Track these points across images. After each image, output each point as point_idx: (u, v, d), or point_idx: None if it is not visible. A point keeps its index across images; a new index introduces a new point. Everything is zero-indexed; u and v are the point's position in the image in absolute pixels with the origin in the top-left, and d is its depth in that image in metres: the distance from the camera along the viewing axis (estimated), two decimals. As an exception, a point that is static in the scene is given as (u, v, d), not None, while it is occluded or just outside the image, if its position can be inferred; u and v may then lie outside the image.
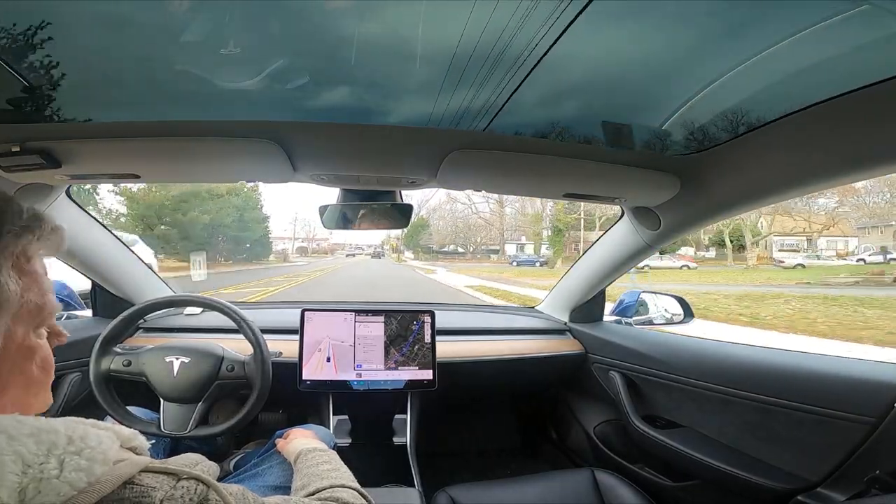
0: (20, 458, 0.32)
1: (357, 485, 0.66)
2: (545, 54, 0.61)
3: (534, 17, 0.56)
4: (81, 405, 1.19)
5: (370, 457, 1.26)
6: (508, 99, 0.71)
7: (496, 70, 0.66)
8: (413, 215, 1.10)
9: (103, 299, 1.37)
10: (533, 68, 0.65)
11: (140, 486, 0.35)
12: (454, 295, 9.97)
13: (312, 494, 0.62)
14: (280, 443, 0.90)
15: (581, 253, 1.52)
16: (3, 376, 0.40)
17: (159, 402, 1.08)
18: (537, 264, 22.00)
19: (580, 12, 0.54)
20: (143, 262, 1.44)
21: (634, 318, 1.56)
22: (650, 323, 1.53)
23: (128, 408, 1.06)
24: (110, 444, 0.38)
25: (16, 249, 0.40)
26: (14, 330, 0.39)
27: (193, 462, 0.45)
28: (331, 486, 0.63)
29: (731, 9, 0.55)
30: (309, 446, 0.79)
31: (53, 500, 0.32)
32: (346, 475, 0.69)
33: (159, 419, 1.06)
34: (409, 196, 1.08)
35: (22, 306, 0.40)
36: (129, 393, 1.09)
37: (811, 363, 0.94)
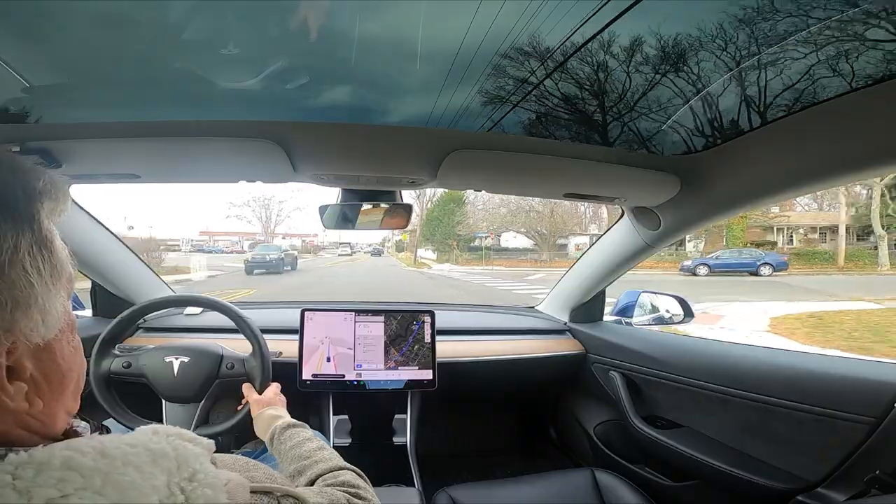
0: (156, 493, 0.29)
1: (350, 465, 0.63)
2: (531, 52, 0.61)
3: (537, 18, 0.56)
4: (81, 406, 1.19)
5: (370, 457, 1.25)
6: (508, 100, 0.71)
7: (497, 70, 0.66)
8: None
9: (103, 299, 1.36)
10: (548, 73, 0.65)
11: None
12: None
13: (314, 481, 0.59)
14: (252, 403, 0.90)
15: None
16: (67, 359, 0.35)
17: (160, 402, 1.08)
18: (766, 270, 11.99)
19: (603, 28, 0.54)
20: (143, 261, 1.44)
21: (643, 318, 1.55)
22: (661, 322, 1.52)
23: None
24: (207, 462, 0.35)
25: (63, 207, 0.34)
26: (65, 302, 0.34)
27: (268, 476, 0.45)
28: (331, 470, 0.60)
29: (731, 9, 0.55)
30: (281, 423, 0.75)
31: None
32: (335, 454, 0.66)
33: (161, 420, 1.06)
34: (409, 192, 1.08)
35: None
36: (130, 393, 1.09)
37: (811, 363, 0.94)
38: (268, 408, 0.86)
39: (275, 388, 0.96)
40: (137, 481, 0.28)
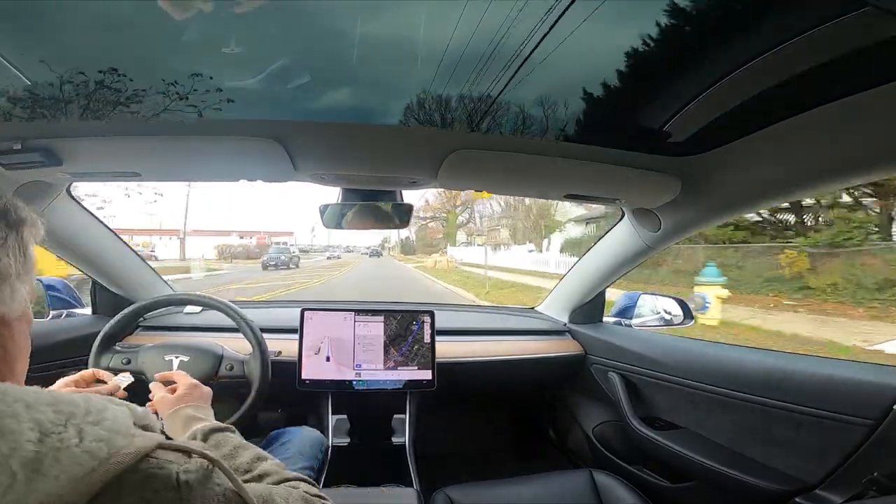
0: (38, 426, 0.31)
1: (300, 475, 0.58)
2: (531, 53, 0.61)
3: (531, 15, 0.56)
4: None
5: (369, 457, 1.26)
6: (497, 99, 0.72)
7: (496, 69, 0.66)
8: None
9: (103, 297, 1.37)
10: (521, 66, 0.65)
11: (157, 460, 0.35)
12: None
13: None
14: (159, 402, 0.76)
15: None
16: (18, 343, 0.43)
17: None
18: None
19: (565, 10, 0.54)
20: (143, 260, 1.44)
21: (642, 320, 1.55)
22: (661, 324, 1.51)
23: None
24: (125, 419, 0.37)
25: (37, 233, 0.45)
26: (26, 297, 0.43)
27: (199, 445, 0.45)
28: (282, 481, 0.55)
29: (731, 9, 0.55)
30: (202, 427, 0.64)
31: (74, 472, 0.30)
32: (279, 464, 0.60)
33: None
34: (409, 193, 1.08)
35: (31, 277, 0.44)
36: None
37: (809, 365, 0.94)
38: (186, 405, 0.72)
39: (193, 382, 0.79)
40: (20, 412, 0.31)
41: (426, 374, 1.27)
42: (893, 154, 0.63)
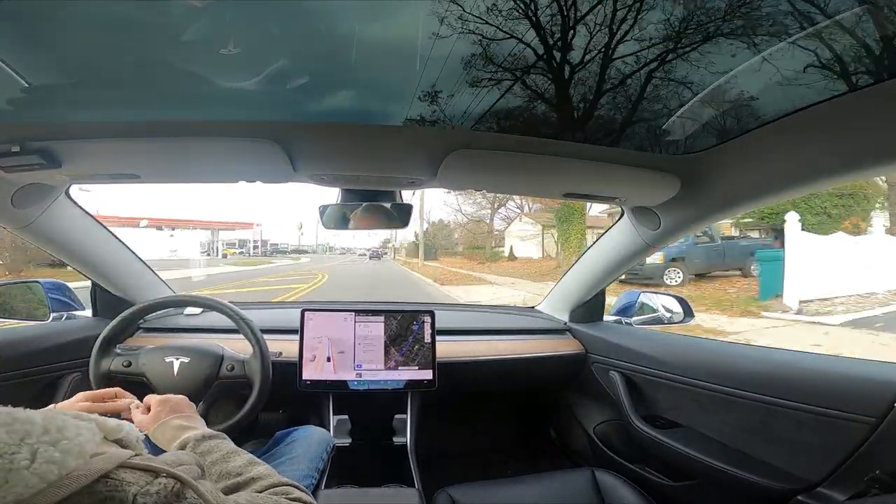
0: None
1: (294, 482, 0.57)
2: (526, 52, 0.61)
3: (529, 16, 0.56)
4: None
5: (370, 457, 1.26)
6: (503, 99, 0.72)
7: (495, 70, 0.66)
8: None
9: (103, 299, 1.36)
10: (530, 67, 0.65)
11: (115, 481, 0.34)
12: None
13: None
14: (145, 419, 0.71)
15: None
16: None
17: None
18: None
19: (586, 14, 0.54)
20: (143, 261, 1.44)
21: (643, 318, 1.54)
22: (661, 322, 1.51)
23: None
24: (90, 436, 0.37)
25: None
26: None
27: (176, 461, 0.44)
28: (274, 486, 0.55)
29: (731, 8, 0.55)
30: (195, 434, 0.63)
31: (21, 493, 0.30)
32: (272, 470, 0.59)
33: None
34: (408, 193, 1.08)
35: None
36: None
37: (811, 362, 0.94)
38: (174, 416, 0.70)
39: (162, 397, 0.77)
40: None
41: (427, 374, 1.27)
42: (889, 151, 0.63)
